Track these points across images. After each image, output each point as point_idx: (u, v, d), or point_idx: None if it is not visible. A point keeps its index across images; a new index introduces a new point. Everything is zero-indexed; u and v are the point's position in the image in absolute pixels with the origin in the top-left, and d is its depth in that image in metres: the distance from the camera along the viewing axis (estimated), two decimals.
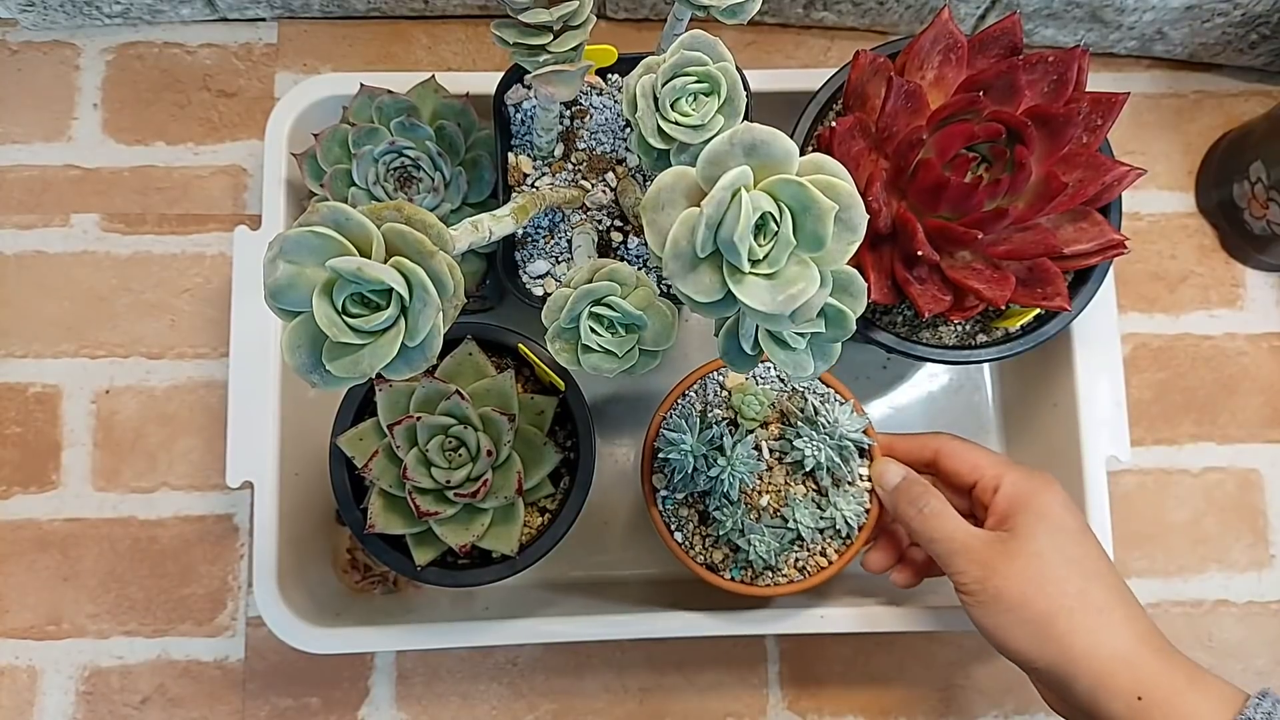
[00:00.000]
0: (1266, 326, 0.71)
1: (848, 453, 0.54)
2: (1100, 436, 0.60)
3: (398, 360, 0.31)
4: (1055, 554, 0.47)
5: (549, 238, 0.56)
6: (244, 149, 0.70)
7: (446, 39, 0.72)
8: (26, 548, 0.66)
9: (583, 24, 0.44)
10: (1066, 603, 0.46)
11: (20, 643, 0.65)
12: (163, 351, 0.68)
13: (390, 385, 0.52)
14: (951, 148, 0.49)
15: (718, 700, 0.66)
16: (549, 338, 0.41)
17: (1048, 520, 0.48)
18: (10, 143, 0.70)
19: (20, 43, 0.71)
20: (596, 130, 0.57)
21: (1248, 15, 0.66)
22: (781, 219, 0.30)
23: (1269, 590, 0.68)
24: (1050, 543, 0.47)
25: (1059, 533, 0.48)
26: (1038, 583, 0.46)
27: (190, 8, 0.69)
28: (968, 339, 0.56)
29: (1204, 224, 0.72)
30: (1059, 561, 0.47)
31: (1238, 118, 0.73)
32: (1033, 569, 0.47)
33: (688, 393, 0.58)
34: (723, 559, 0.56)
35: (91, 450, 0.67)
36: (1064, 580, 0.46)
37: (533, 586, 0.65)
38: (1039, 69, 0.50)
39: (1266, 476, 0.69)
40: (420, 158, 0.56)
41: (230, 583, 0.66)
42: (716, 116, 0.40)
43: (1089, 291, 0.55)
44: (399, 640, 0.60)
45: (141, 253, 0.69)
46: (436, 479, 0.50)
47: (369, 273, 0.30)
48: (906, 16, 0.69)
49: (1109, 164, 0.51)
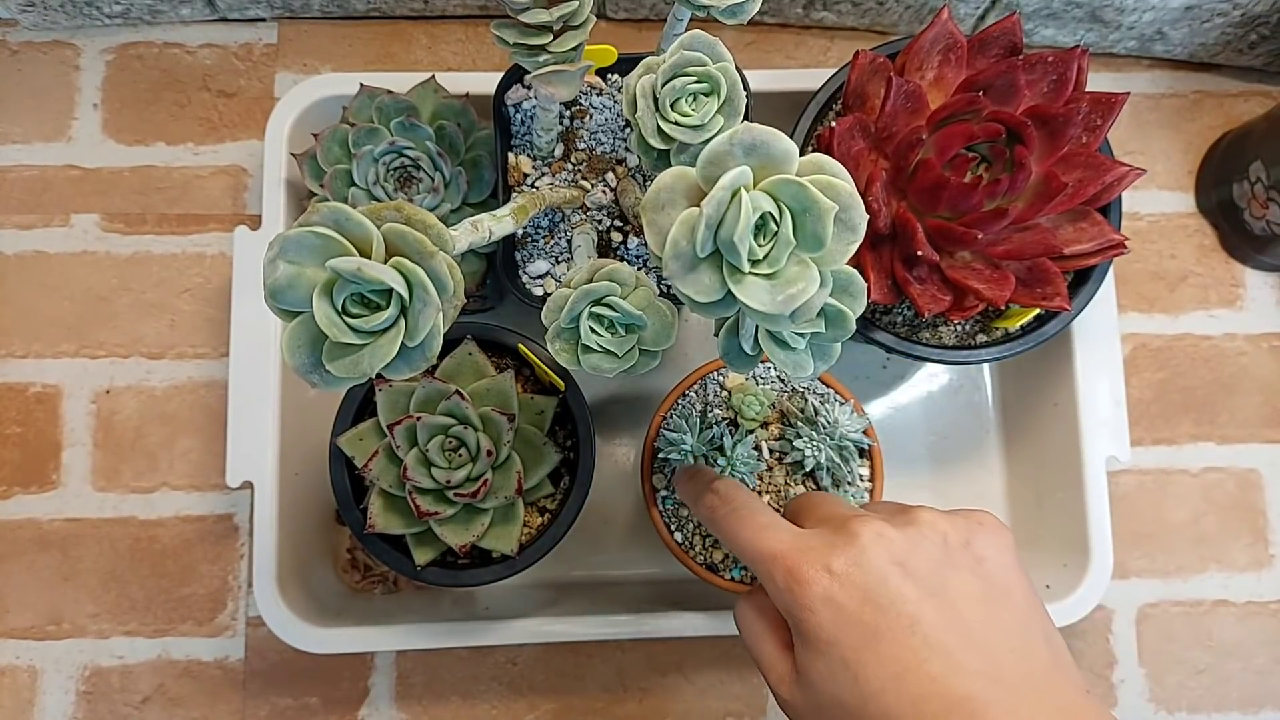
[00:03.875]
0: (1266, 326, 0.71)
1: (848, 453, 0.54)
2: (1100, 436, 0.60)
3: (398, 360, 0.31)
4: (827, 698, 0.36)
5: (549, 238, 0.56)
6: (244, 149, 0.70)
7: (446, 39, 0.72)
8: (26, 548, 0.66)
9: (583, 24, 0.44)
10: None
11: (20, 643, 0.65)
12: (163, 351, 0.68)
13: (390, 385, 0.52)
14: (951, 148, 0.49)
15: (718, 700, 0.66)
16: (549, 338, 0.41)
17: (817, 653, 0.36)
18: (10, 143, 0.70)
19: (20, 43, 0.71)
20: (596, 130, 0.57)
21: (1247, 15, 0.66)
22: (781, 219, 0.30)
23: (1269, 590, 0.68)
24: (821, 679, 0.36)
25: (830, 663, 0.35)
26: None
27: (190, 8, 0.69)
28: (967, 339, 0.56)
29: (1204, 224, 0.72)
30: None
31: (1238, 118, 0.73)
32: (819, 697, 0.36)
33: (688, 393, 0.58)
34: (723, 559, 0.56)
35: (91, 450, 0.67)
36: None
37: (533, 586, 0.65)
38: (1039, 69, 0.50)
39: (1266, 476, 0.69)
40: (420, 158, 0.56)
41: (230, 583, 0.66)
42: (716, 117, 0.40)
43: (1089, 291, 0.55)
44: (399, 640, 0.60)
45: (141, 253, 0.69)
46: (436, 479, 0.50)
47: (369, 273, 0.30)
48: (906, 16, 0.69)
49: (1109, 164, 0.51)
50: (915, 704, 0.33)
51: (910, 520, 0.38)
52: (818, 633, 0.35)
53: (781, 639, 0.39)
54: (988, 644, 0.35)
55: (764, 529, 0.39)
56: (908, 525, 0.37)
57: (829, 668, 0.35)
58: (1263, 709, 0.67)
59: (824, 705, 0.35)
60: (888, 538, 0.36)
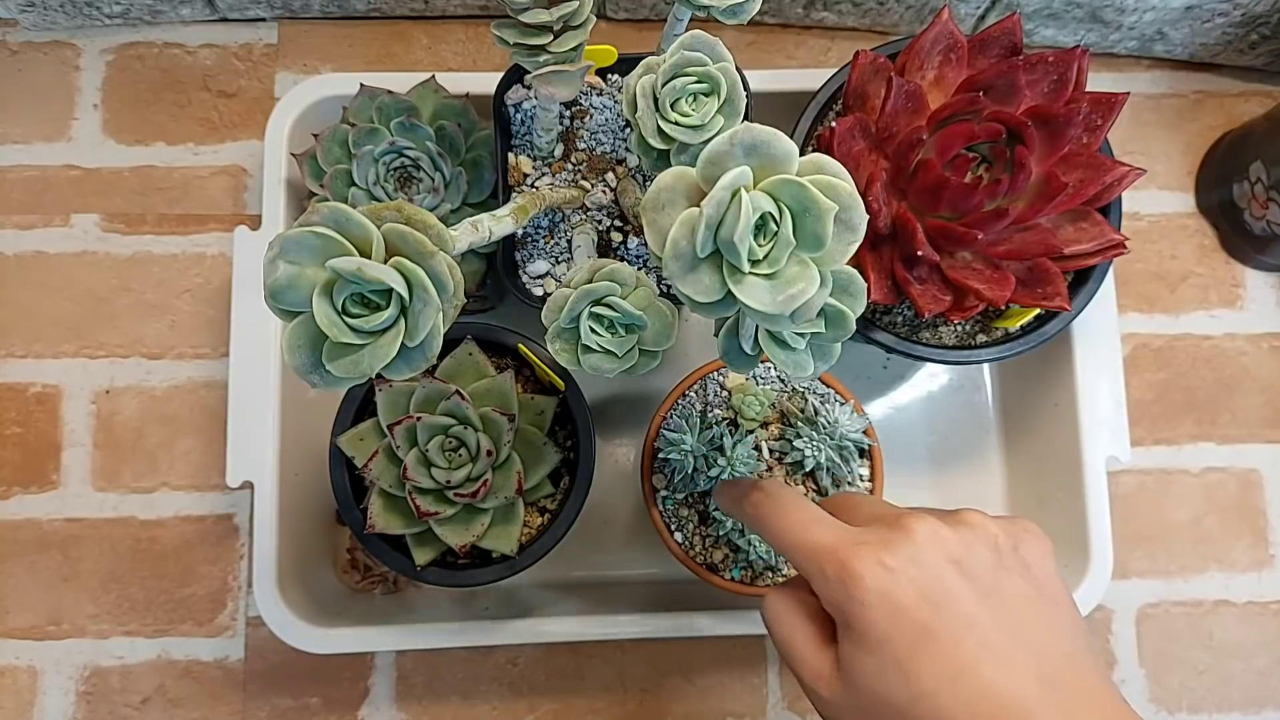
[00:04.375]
0: (1266, 326, 0.71)
1: (848, 453, 0.54)
2: (1100, 436, 0.60)
3: (398, 360, 0.31)
4: (873, 696, 0.35)
5: (549, 238, 0.56)
6: (244, 149, 0.70)
7: (446, 39, 0.72)
8: (26, 548, 0.66)
9: (583, 24, 0.44)
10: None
11: (20, 643, 0.65)
12: (163, 351, 0.68)
13: (390, 385, 0.52)
14: (951, 148, 0.49)
15: (718, 700, 0.66)
16: (549, 338, 0.41)
17: (866, 649, 0.35)
18: (10, 143, 0.70)
19: (20, 43, 0.71)
20: (596, 130, 0.57)
21: (1248, 15, 0.66)
22: (781, 219, 0.30)
23: (1269, 590, 0.68)
24: (868, 676, 0.35)
25: (880, 661, 0.35)
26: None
27: (190, 8, 0.69)
28: (967, 339, 0.56)
29: (1204, 224, 0.72)
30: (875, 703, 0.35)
31: (1238, 118, 0.73)
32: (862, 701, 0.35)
33: (688, 393, 0.58)
34: (723, 559, 0.56)
35: (91, 450, 0.67)
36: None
37: (533, 586, 0.65)
38: (1039, 69, 0.50)
39: (1266, 476, 0.69)
40: (420, 158, 0.56)
41: (230, 583, 0.66)
42: (716, 117, 0.40)
43: (1089, 291, 0.55)
44: (399, 640, 0.60)
45: (141, 253, 0.69)
46: (436, 479, 0.50)
47: (369, 273, 0.30)
48: (907, 16, 0.69)
49: (1109, 164, 0.51)
50: (969, 705, 0.33)
51: (961, 521, 0.37)
52: (869, 628, 0.35)
53: (820, 635, 0.38)
54: (1041, 648, 0.34)
55: (812, 523, 0.39)
56: (960, 525, 0.37)
57: (879, 665, 0.34)
58: (1264, 709, 0.67)
59: (868, 704, 0.35)
60: (942, 536, 0.36)
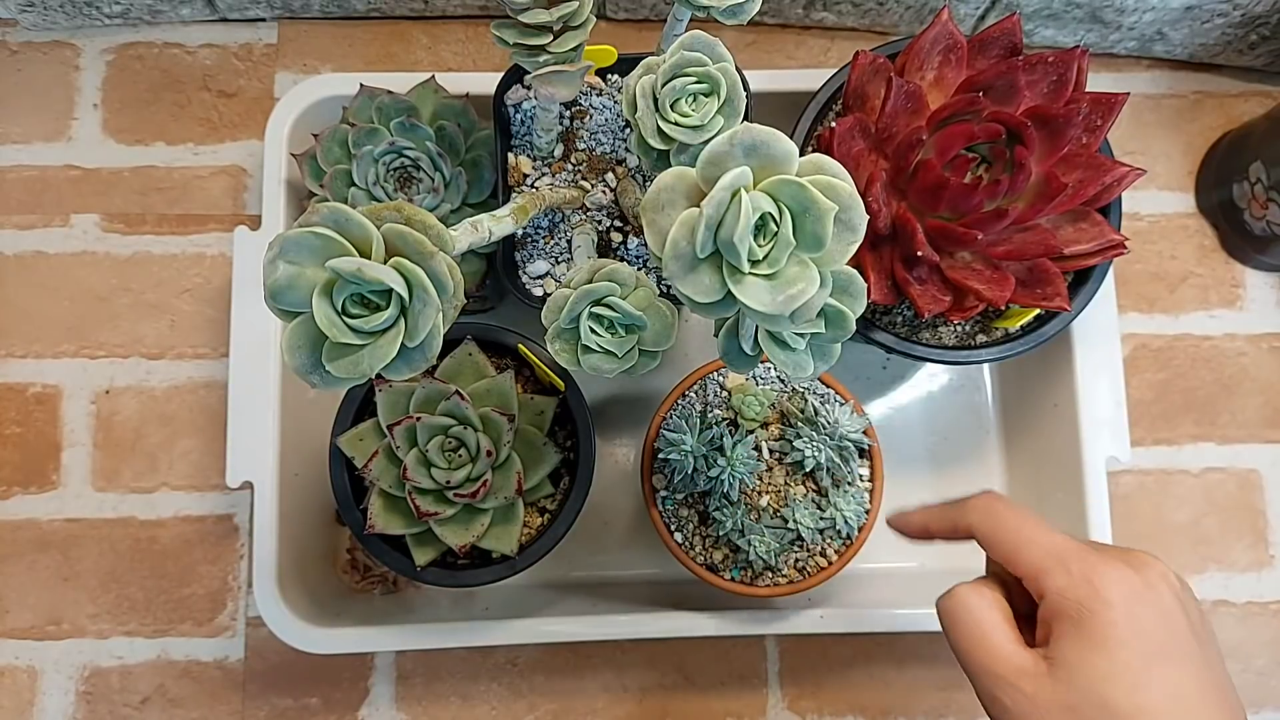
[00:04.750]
0: (1266, 326, 0.71)
1: (848, 453, 0.54)
2: (1100, 437, 0.60)
3: (398, 360, 0.31)
4: (1093, 696, 0.35)
5: (549, 238, 0.56)
6: (244, 149, 0.70)
7: (446, 39, 0.72)
8: (26, 548, 0.66)
9: (583, 24, 0.44)
10: None
11: (20, 643, 0.65)
12: (163, 352, 0.68)
13: (390, 385, 0.52)
14: (951, 148, 0.49)
15: (718, 700, 0.66)
16: (549, 338, 0.41)
17: (1101, 650, 0.35)
18: (10, 143, 0.70)
19: (20, 43, 0.71)
20: (596, 130, 0.57)
21: (1247, 16, 0.66)
22: (781, 219, 0.30)
23: (1269, 590, 0.68)
24: (1094, 676, 0.35)
25: (1113, 664, 0.35)
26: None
27: (190, 8, 0.69)
28: (967, 339, 0.56)
29: (1204, 224, 0.72)
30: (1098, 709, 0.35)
31: (1238, 118, 0.73)
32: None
33: (688, 393, 0.58)
34: (723, 559, 0.56)
35: (91, 450, 0.67)
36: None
37: (533, 586, 0.65)
38: (1039, 69, 0.50)
39: (1266, 476, 0.69)
40: (420, 158, 0.56)
41: (230, 583, 0.66)
42: (716, 117, 0.40)
43: (1089, 292, 0.55)
44: (399, 640, 0.60)
45: (141, 253, 0.69)
46: (436, 479, 0.50)
47: (369, 273, 0.30)
48: (906, 17, 0.69)
49: (1109, 164, 0.51)
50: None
51: (1160, 568, 0.40)
52: (1110, 629, 0.35)
53: (1016, 634, 0.38)
54: (1229, 692, 0.37)
55: (1048, 529, 0.40)
56: (1166, 571, 0.39)
57: (1110, 668, 0.35)
58: (1263, 709, 0.67)
59: (1084, 703, 0.35)
60: (1169, 575, 0.38)
